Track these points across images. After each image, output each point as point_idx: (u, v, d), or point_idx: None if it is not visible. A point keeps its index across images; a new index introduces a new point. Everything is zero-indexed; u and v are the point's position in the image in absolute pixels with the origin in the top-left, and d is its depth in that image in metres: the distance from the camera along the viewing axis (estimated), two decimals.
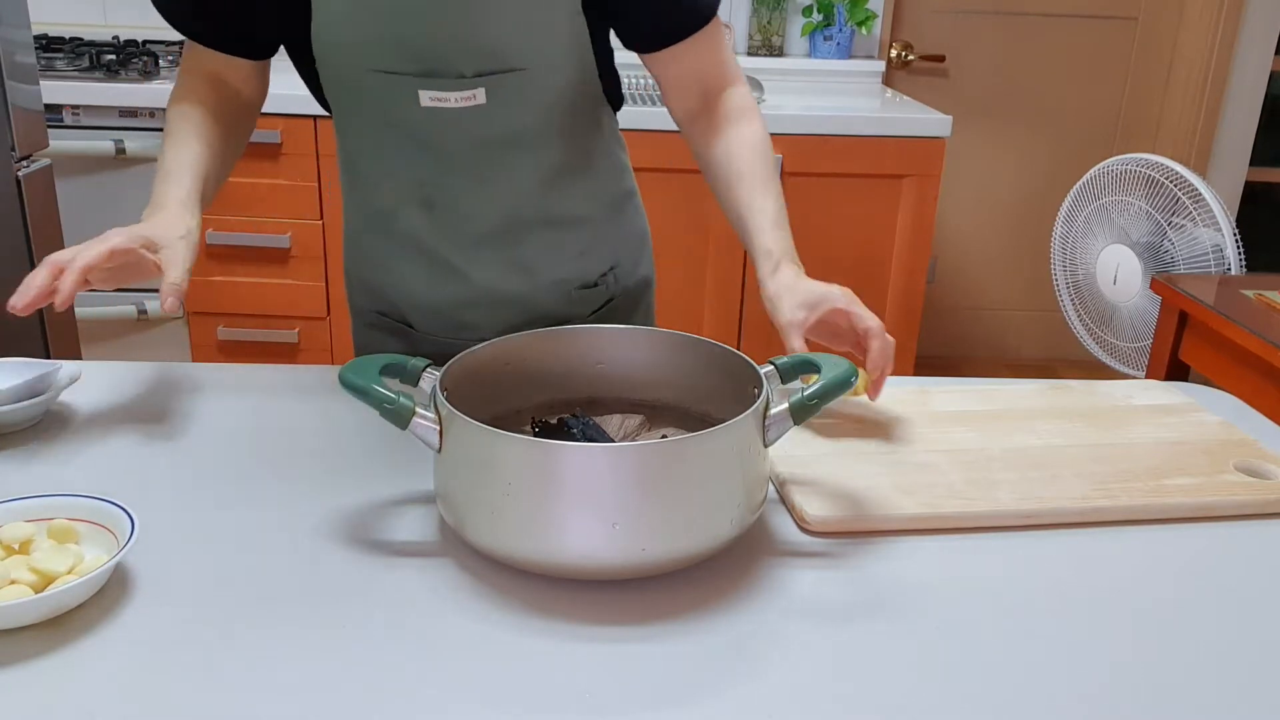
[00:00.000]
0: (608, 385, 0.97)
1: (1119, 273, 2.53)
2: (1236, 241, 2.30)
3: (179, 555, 0.80)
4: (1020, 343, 3.65)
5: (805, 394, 0.81)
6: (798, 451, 0.97)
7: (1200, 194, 2.34)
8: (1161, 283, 2.09)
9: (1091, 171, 2.59)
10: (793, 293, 1.00)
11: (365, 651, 0.70)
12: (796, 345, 0.98)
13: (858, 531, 0.87)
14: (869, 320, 0.97)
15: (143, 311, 2.53)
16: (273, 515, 0.86)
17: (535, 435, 0.90)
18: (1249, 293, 2.00)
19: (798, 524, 0.88)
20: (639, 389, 0.97)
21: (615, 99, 1.19)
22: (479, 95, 1.06)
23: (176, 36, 3.12)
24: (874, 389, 0.99)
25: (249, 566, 0.79)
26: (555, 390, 0.96)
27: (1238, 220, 2.42)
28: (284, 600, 0.76)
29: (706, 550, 0.79)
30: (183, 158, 1.07)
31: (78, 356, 2.03)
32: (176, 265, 0.95)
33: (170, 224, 0.99)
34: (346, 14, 1.03)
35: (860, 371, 0.96)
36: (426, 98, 1.05)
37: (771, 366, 0.87)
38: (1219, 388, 1.23)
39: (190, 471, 0.93)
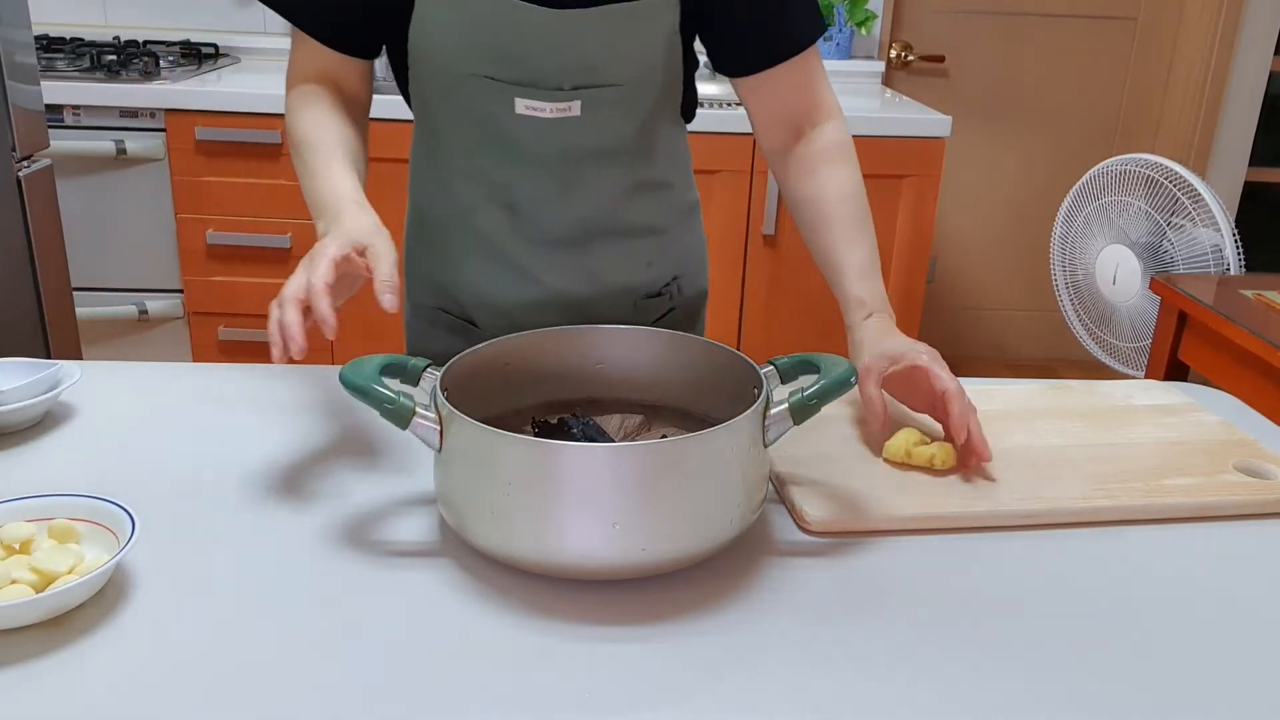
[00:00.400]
0: (608, 385, 0.97)
1: (1118, 273, 2.53)
2: (1236, 241, 2.30)
3: (179, 555, 0.80)
4: (1020, 343, 3.65)
5: (805, 394, 0.81)
6: (797, 451, 0.97)
7: (1200, 194, 2.34)
8: (1161, 283, 2.09)
9: (1091, 171, 2.59)
10: (877, 343, 1.00)
11: (365, 651, 0.70)
12: (871, 393, 0.96)
13: (857, 531, 0.87)
14: (949, 383, 0.95)
15: (143, 311, 2.53)
16: (273, 515, 0.86)
17: (535, 435, 0.90)
18: (1248, 293, 2.00)
19: (797, 524, 0.88)
20: (639, 389, 0.97)
21: (690, 110, 1.19)
22: (574, 108, 1.07)
23: (176, 37, 3.12)
24: (967, 455, 0.95)
25: (249, 567, 0.79)
26: (555, 390, 0.96)
27: (1237, 220, 2.42)
28: (284, 600, 0.76)
29: (706, 550, 0.79)
30: (336, 160, 1.02)
31: (78, 356, 2.04)
32: (384, 260, 0.89)
33: (363, 223, 0.93)
34: (447, 18, 1.03)
35: (947, 445, 0.96)
36: (522, 106, 1.06)
37: (771, 367, 0.87)
38: (1218, 388, 1.23)
39: (190, 471, 0.93)
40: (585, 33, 1.03)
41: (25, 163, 1.82)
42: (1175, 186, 2.39)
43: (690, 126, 1.21)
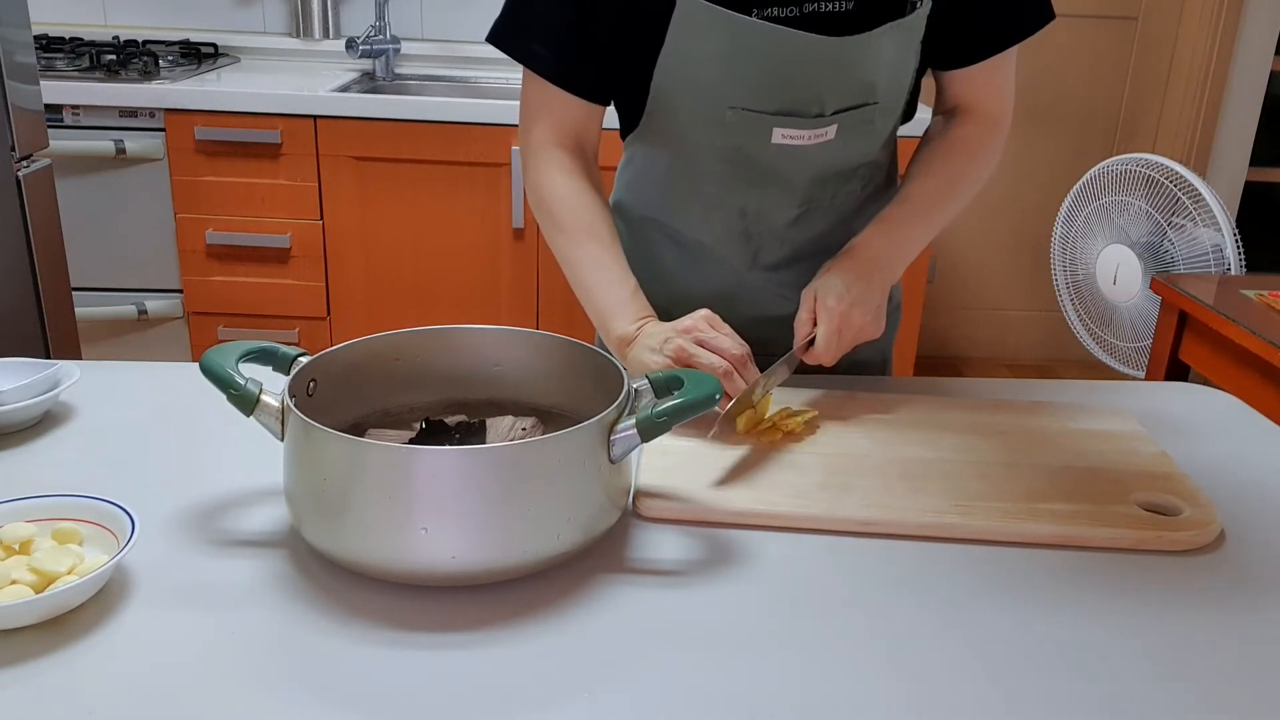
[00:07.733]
0: (505, 387, 0.96)
1: (1119, 273, 2.53)
2: (1236, 241, 2.30)
3: (179, 555, 0.80)
4: (1020, 343, 3.65)
5: (655, 410, 0.77)
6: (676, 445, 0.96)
7: (1200, 194, 2.34)
8: (1161, 283, 2.09)
9: (1091, 171, 2.59)
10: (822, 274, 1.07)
11: (365, 651, 0.70)
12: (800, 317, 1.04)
13: (689, 521, 0.86)
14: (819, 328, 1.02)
15: (143, 311, 2.53)
16: (273, 515, 0.86)
17: (420, 432, 0.89)
18: (1249, 293, 2.00)
19: (635, 508, 0.87)
20: (536, 393, 0.95)
21: (911, 110, 1.18)
22: (830, 132, 1.06)
23: (176, 36, 3.10)
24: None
25: (249, 567, 0.79)
26: (455, 389, 0.95)
27: (1238, 220, 2.43)
28: (284, 600, 0.75)
29: (525, 564, 0.75)
30: (621, 261, 1.08)
31: (78, 356, 2.03)
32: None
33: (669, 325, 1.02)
34: (708, 53, 1.01)
35: (803, 412, 1.00)
36: (779, 135, 1.04)
37: (646, 381, 0.85)
38: (1219, 388, 1.23)
39: (190, 471, 0.93)
40: (866, 56, 1.02)
41: (25, 162, 1.82)
42: (1176, 186, 2.39)
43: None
